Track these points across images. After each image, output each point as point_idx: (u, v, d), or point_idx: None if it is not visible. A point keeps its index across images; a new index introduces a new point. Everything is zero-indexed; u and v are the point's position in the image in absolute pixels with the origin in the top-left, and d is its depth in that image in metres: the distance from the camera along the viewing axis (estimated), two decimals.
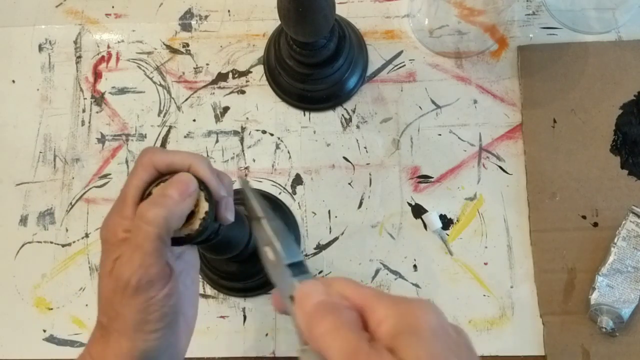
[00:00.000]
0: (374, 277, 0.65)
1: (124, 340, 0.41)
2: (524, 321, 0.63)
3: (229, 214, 0.45)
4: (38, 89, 0.73)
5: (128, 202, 0.43)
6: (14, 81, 0.74)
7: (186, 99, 0.72)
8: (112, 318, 0.41)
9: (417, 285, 0.65)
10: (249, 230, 0.54)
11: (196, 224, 0.43)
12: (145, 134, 0.71)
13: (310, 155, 0.69)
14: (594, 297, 0.61)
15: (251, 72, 0.72)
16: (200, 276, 0.64)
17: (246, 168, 0.69)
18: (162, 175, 0.44)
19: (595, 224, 0.65)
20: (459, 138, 0.68)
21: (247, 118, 0.70)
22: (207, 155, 0.69)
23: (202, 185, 0.43)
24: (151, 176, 0.43)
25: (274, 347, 0.64)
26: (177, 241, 0.43)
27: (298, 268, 0.38)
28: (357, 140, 0.69)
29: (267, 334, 0.64)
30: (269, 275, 0.40)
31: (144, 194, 0.43)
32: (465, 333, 0.32)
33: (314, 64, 0.65)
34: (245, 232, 0.54)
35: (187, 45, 0.73)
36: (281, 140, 0.70)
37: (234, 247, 0.54)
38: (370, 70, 0.71)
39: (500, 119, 0.69)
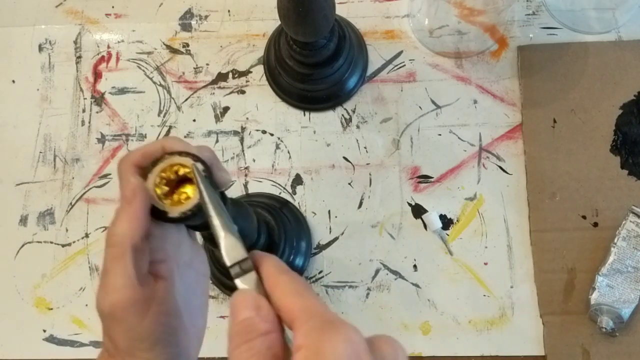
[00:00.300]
0: (374, 277, 0.65)
1: None
2: (524, 321, 0.63)
3: (224, 173, 0.42)
4: (38, 89, 0.73)
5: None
6: (14, 81, 0.74)
7: (186, 99, 0.72)
8: (109, 344, 0.39)
9: (417, 285, 0.65)
10: (257, 226, 0.53)
11: (196, 197, 0.39)
12: (145, 134, 0.71)
13: (310, 155, 0.69)
14: (594, 297, 0.61)
15: (251, 72, 0.72)
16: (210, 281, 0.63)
17: (246, 168, 0.69)
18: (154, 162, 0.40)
19: (595, 224, 0.65)
20: (459, 138, 0.68)
21: (247, 118, 0.71)
22: None
23: (186, 154, 0.40)
24: (143, 204, 0.38)
25: None
26: (176, 220, 0.39)
27: (240, 266, 0.35)
28: (357, 140, 0.69)
29: None
30: None
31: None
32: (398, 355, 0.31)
33: (314, 64, 0.65)
34: (253, 226, 0.53)
35: (187, 45, 0.73)
36: (281, 140, 0.70)
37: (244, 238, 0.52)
38: (370, 70, 0.71)
39: (500, 119, 0.69)
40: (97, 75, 0.73)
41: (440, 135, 0.69)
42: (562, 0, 0.72)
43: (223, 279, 0.64)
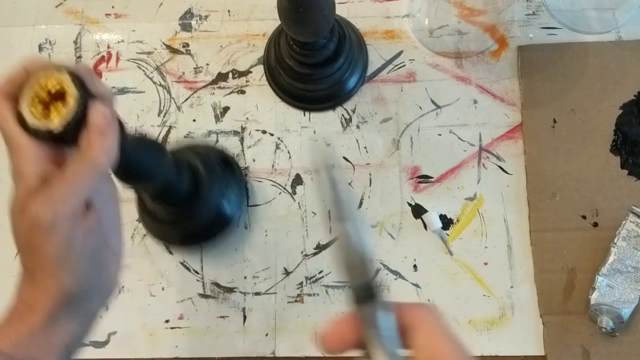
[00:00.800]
0: (373, 277, 0.65)
1: (50, 279, 0.40)
2: (524, 321, 0.63)
3: (98, 83, 0.41)
4: None
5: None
6: None
7: (186, 99, 0.72)
8: (33, 258, 0.40)
9: (417, 286, 0.65)
10: (174, 166, 0.54)
11: (71, 106, 0.38)
12: (145, 134, 0.71)
13: (310, 155, 0.69)
14: (594, 297, 0.61)
15: (251, 72, 0.72)
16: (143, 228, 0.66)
17: (246, 168, 0.69)
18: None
19: (595, 224, 0.64)
20: (459, 138, 0.68)
21: (247, 118, 0.71)
22: None
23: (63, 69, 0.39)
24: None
25: (274, 347, 0.64)
26: (57, 135, 0.39)
27: (365, 291, 0.35)
28: (357, 140, 0.69)
29: (267, 334, 0.64)
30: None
31: (20, 120, 0.39)
32: None
33: (314, 64, 0.65)
34: (161, 160, 0.51)
35: (187, 45, 0.73)
36: (281, 140, 0.70)
37: (144, 170, 0.50)
38: (370, 70, 0.71)
39: (500, 119, 0.69)
40: (97, 75, 0.73)
41: (440, 135, 0.69)
42: (562, 0, 0.72)
43: (157, 226, 0.64)
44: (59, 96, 0.39)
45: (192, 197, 0.59)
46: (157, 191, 0.56)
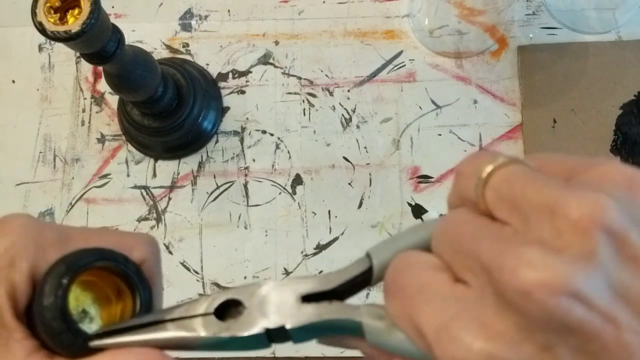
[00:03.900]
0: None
1: None
2: None
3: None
4: (38, 89, 0.73)
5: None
6: (14, 81, 0.74)
7: None
8: None
9: None
10: (160, 78, 0.60)
11: (86, 9, 0.45)
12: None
13: (310, 155, 0.69)
14: None
15: (251, 72, 0.72)
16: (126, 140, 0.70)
17: (246, 168, 0.69)
18: None
19: None
20: (459, 138, 0.68)
21: (247, 118, 0.70)
22: (208, 156, 0.70)
23: None
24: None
25: (274, 347, 0.64)
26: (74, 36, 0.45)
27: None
28: (357, 140, 0.69)
29: None
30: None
31: None
32: None
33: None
34: (156, 77, 0.58)
35: (187, 45, 0.73)
36: (281, 140, 0.70)
37: (140, 85, 0.58)
38: (371, 70, 0.71)
39: (500, 119, 0.69)
40: (97, 75, 0.73)
41: (440, 135, 0.69)
42: (562, 0, 0.72)
43: (140, 136, 0.68)
44: (71, 5, 0.46)
45: (176, 108, 0.65)
46: (145, 101, 0.61)
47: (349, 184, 0.68)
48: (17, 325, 0.30)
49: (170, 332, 0.30)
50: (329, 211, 0.67)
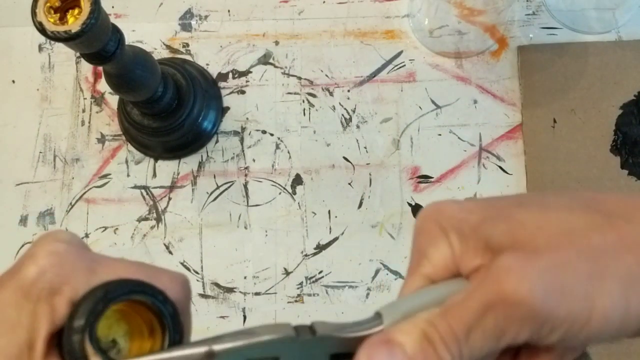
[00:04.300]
0: (374, 277, 0.65)
1: None
2: None
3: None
4: (38, 89, 0.73)
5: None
6: (14, 81, 0.74)
7: None
8: None
9: None
10: (160, 78, 0.60)
11: (87, 9, 0.46)
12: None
13: (310, 155, 0.69)
14: None
15: (251, 72, 0.72)
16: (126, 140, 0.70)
17: (246, 168, 0.69)
18: None
19: None
20: (459, 138, 0.68)
21: (247, 118, 0.71)
22: (207, 156, 0.70)
23: None
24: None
25: None
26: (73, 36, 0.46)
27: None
28: (357, 140, 0.69)
29: None
30: None
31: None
32: None
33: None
34: (155, 77, 0.58)
35: (187, 45, 0.73)
36: (281, 140, 0.70)
37: (140, 85, 0.58)
38: (371, 70, 0.71)
39: (500, 119, 0.69)
40: (97, 75, 0.73)
41: (440, 135, 0.69)
42: (562, 0, 0.72)
43: (140, 136, 0.68)
44: (71, 5, 0.46)
45: (176, 108, 0.65)
46: (145, 101, 0.61)
47: (349, 184, 0.68)
48: (44, 350, 0.30)
49: None
50: (329, 211, 0.67)
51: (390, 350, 0.29)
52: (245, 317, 0.65)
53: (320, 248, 0.66)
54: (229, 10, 0.74)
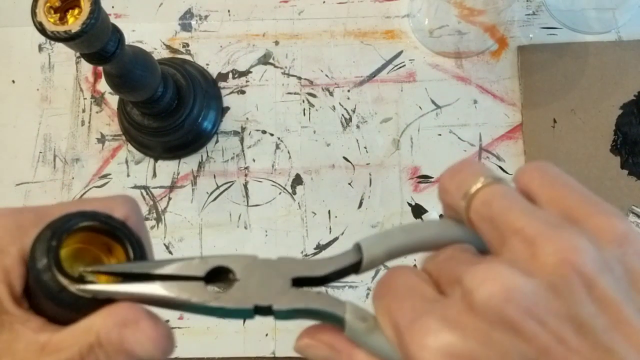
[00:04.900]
0: (374, 277, 0.65)
1: None
2: None
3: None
4: (38, 89, 0.73)
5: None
6: (14, 81, 0.74)
7: None
8: None
9: None
10: (160, 77, 0.60)
11: (86, 8, 0.46)
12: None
13: (310, 155, 0.69)
14: None
15: (251, 72, 0.72)
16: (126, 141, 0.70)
17: (246, 168, 0.69)
18: None
19: None
20: (459, 138, 0.68)
21: (247, 118, 0.71)
22: (207, 156, 0.70)
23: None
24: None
25: (274, 347, 0.64)
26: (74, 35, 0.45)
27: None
28: (357, 140, 0.69)
29: (267, 334, 0.64)
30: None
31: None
32: None
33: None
34: (155, 77, 0.59)
35: (187, 45, 0.73)
36: (281, 140, 0.70)
37: (140, 85, 0.58)
38: (371, 70, 0.71)
39: (500, 119, 0.69)
40: (97, 75, 0.73)
41: (440, 135, 0.69)
42: (562, 0, 0.72)
43: (140, 136, 0.68)
44: (71, 5, 0.46)
45: (176, 108, 0.65)
46: (145, 101, 0.61)
47: (349, 184, 0.68)
48: (17, 308, 0.30)
49: (159, 291, 0.31)
50: (329, 211, 0.67)
51: None
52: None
53: (320, 248, 0.66)
54: (229, 10, 0.74)
